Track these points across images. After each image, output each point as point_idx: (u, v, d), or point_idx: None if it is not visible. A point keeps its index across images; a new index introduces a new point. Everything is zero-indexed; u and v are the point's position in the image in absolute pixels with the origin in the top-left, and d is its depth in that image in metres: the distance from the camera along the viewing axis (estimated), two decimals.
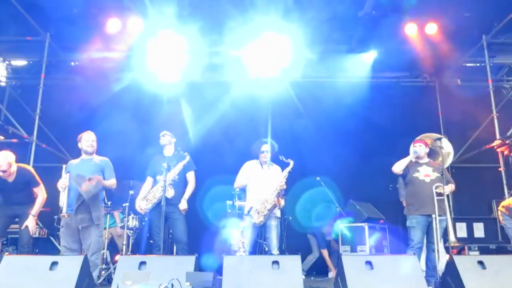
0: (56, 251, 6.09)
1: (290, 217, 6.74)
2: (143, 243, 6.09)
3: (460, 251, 6.16)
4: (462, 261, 3.56)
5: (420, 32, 7.08)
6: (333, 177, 7.08)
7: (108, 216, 6.03)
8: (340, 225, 6.32)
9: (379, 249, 6.06)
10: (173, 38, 7.16)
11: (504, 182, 6.79)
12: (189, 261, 3.66)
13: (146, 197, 5.03)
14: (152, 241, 5.26)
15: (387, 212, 6.66)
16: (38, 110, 6.91)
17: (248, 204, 4.83)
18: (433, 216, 4.66)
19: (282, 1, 6.83)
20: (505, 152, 6.83)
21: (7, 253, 4.80)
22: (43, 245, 6.56)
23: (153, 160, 5.28)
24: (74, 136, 4.92)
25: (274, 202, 4.65)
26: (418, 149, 5.02)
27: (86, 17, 6.84)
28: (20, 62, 8.40)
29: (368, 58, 7.86)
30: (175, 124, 7.56)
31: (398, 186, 6.61)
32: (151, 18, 6.92)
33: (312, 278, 6.41)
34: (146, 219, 5.77)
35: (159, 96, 7.77)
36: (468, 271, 3.46)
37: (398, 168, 5.03)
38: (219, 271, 3.68)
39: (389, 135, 7.63)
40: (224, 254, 3.74)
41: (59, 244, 4.93)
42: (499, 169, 6.90)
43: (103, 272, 5.39)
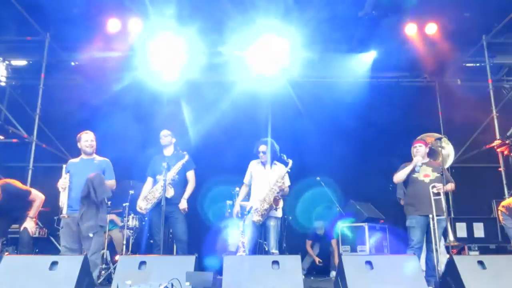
0: (56, 251, 6.09)
1: (290, 217, 6.74)
2: (143, 243, 6.10)
3: (460, 251, 6.16)
4: (462, 261, 3.55)
5: (420, 32, 7.08)
6: (333, 177, 7.09)
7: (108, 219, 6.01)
8: (341, 225, 6.32)
9: (379, 249, 6.06)
10: (173, 38, 7.16)
11: (504, 182, 6.79)
12: (189, 261, 3.66)
13: (146, 197, 5.04)
14: (153, 241, 5.26)
15: (387, 212, 6.67)
16: (38, 110, 6.91)
17: (250, 203, 4.86)
18: (430, 216, 4.67)
19: (282, 1, 6.84)
20: (505, 152, 6.83)
21: (7, 253, 4.80)
22: (43, 245, 6.56)
23: (153, 160, 5.28)
24: (74, 136, 4.92)
25: (271, 202, 4.65)
26: (419, 156, 4.96)
27: (86, 17, 6.84)
28: (20, 62, 8.39)
29: (368, 58, 7.86)
30: (175, 124, 7.56)
31: (397, 184, 6.61)
32: (151, 18, 6.93)
33: (312, 278, 6.41)
34: (146, 219, 5.77)
35: (159, 96, 7.77)
36: (468, 271, 3.46)
37: (399, 179, 5.04)
38: (220, 271, 3.68)
39: (389, 135, 7.63)
40: (224, 254, 3.74)
41: (59, 244, 4.92)
42: (499, 169, 6.90)
43: (103, 272, 5.39)
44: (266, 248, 4.91)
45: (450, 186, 4.96)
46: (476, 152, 7.22)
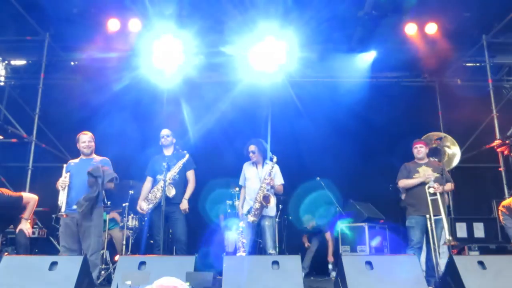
0: (56, 251, 6.09)
1: (290, 217, 6.74)
2: (143, 243, 6.09)
3: (460, 251, 6.15)
4: (462, 261, 3.55)
5: (420, 32, 7.07)
6: (333, 177, 7.08)
7: (108, 219, 6.00)
8: (340, 225, 6.32)
9: (379, 249, 6.06)
10: (173, 38, 7.16)
11: (504, 182, 6.79)
12: (189, 261, 3.66)
13: (147, 197, 5.03)
14: (153, 241, 5.26)
15: (387, 212, 6.66)
16: (38, 110, 6.91)
17: (246, 204, 4.86)
18: (427, 216, 4.67)
19: (282, 1, 6.83)
20: (505, 152, 6.82)
21: (7, 253, 4.79)
22: (43, 245, 6.55)
23: (153, 160, 5.28)
24: (74, 136, 4.91)
25: (262, 202, 4.65)
26: (431, 173, 4.90)
27: (86, 17, 6.84)
28: (20, 62, 8.39)
29: (368, 58, 7.85)
30: (175, 124, 7.56)
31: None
32: (151, 18, 6.93)
33: (312, 278, 6.40)
34: (146, 219, 5.76)
35: (159, 96, 7.77)
36: (468, 271, 3.45)
37: (406, 186, 5.03)
38: (220, 272, 3.67)
39: (389, 135, 7.62)
40: (224, 254, 3.74)
41: (59, 244, 4.92)
42: (499, 169, 6.90)
43: (103, 272, 5.39)
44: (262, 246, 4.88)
45: (449, 186, 4.95)
46: (476, 152, 7.21)
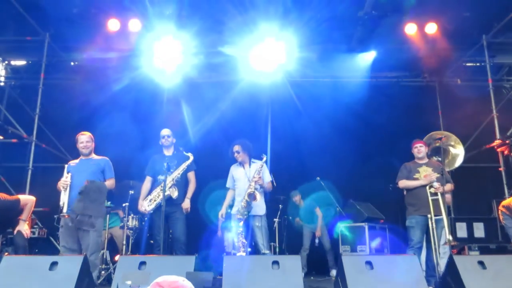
0: (56, 251, 6.09)
1: (291, 217, 6.74)
2: (143, 243, 6.09)
3: (460, 251, 6.15)
4: (462, 261, 3.55)
5: (420, 32, 7.07)
6: (333, 177, 7.09)
7: (108, 216, 6.00)
8: (340, 225, 6.33)
9: (379, 249, 6.06)
10: (173, 38, 7.16)
11: (504, 182, 6.79)
12: (189, 261, 3.66)
13: (149, 197, 5.02)
14: (153, 241, 5.25)
15: (387, 212, 6.66)
16: (38, 110, 6.90)
17: (236, 205, 4.85)
18: (429, 216, 4.66)
19: (282, 1, 6.83)
20: (505, 152, 6.82)
21: (7, 253, 4.79)
22: (43, 245, 6.55)
23: (153, 159, 5.26)
24: (74, 136, 4.91)
25: (246, 199, 4.64)
26: (434, 176, 4.86)
27: (86, 17, 6.84)
28: (20, 62, 8.39)
29: (368, 58, 7.85)
30: (175, 124, 7.56)
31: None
32: (151, 18, 6.93)
33: (312, 278, 6.41)
34: (146, 219, 5.76)
35: (159, 96, 7.78)
36: (468, 271, 3.45)
37: (405, 187, 5.03)
38: (220, 272, 3.67)
39: (389, 135, 7.62)
40: (224, 254, 3.74)
41: (59, 244, 4.92)
42: (499, 169, 6.90)
43: (103, 272, 5.39)
44: (250, 249, 4.81)
45: (449, 187, 4.95)
46: (476, 152, 7.21)
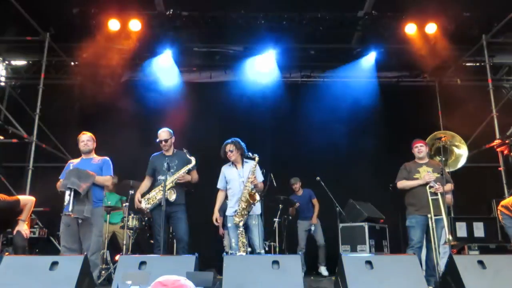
0: (56, 251, 6.09)
1: (291, 217, 6.74)
2: (143, 243, 6.09)
3: (460, 251, 6.16)
4: (462, 261, 3.55)
5: (420, 32, 7.09)
6: (333, 177, 7.09)
7: (108, 216, 5.99)
8: (340, 225, 6.34)
9: (379, 249, 6.07)
10: (172, 38, 7.17)
11: (504, 182, 6.80)
12: (190, 261, 3.66)
13: (147, 196, 5.01)
14: (154, 241, 5.25)
15: (387, 212, 6.66)
16: (38, 110, 6.91)
17: (230, 205, 4.81)
18: (429, 216, 4.66)
19: (282, 1, 6.85)
20: (505, 152, 6.81)
21: (7, 253, 4.80)
22: (43, 245, 6.55)
23: (153, 159, 5.24)
24: (74, 136, 4.91)
25: (247, 199, 4.61)
26: (432, 175, 4.85)
27: (86, 17, 6.85)
28: (20, 62, 8.40)
29: (368, 58, 7.86)
30: (175, 124, 7.57)
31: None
32: (151, 18, 6.94)
33: (312, 278, 6.41)
34: (146, 219, 5.76)
35: (159, 96, 7.79)
36: (468, 271, 3.45)
37: (404, 188, 5.03)
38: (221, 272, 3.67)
39: (389, 135, 7.63)
40: (224, 254, 3.73)
41: (59, 244, 4.92)
42: (499, 169, 6.90)
43: (103, 272, 5.39)
44: (250, 249, 4.79)
45: (449, 187, 4.94)
46: (476, 152, 7.22)
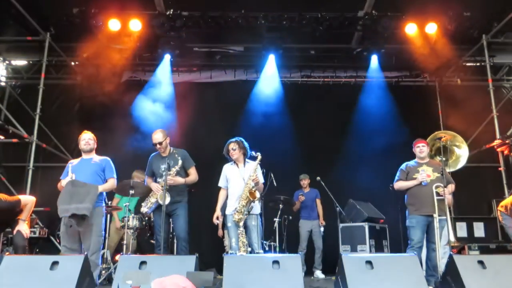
0: (57, 251, 6.09)
1: (291, 217, 6.74)
2: (143, 243, 6.09)
3: (460, 251, 6.16)
4: (462, 261, 3.55)
5: (420, 32, 7.08)
6: (333, 177, 7.09)
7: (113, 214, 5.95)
8: (341, 225, 6.34)
9: (379, 249, 6.07)
10: (172, 38, 7.17)
11: (504, 182, 6.80)
12: (190, 261, 3.66)
13: (146, 199, 5.04)
14: (155, 241, 5.25)
15: (387, 212, 6.66)
16: (38, 110, 6.91)
17: (230, 205, 4.82)
18: (434, 216, 4.65)
19: (282, 1, 6.85)
20: (505, 152, 6.83)
21: (8, 253, 4.80)
22: (43, 245, 6.56)
23: (151, 159, 5.23)
24: (74, 136, 4.92)
25: (248, 197, 4.61)
26: (425, 175, 4.87)
27: (86, 17, 6.85)
28: (20, 62, 8.40)
29: (368, 58, 7.86)
30: (175, 124, 7.58)
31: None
32: (151, 18, 6.94)
33: (312, 278, 6.42)
34: (147, 219, 5.76)
35: (159, 96, 7.79)
36: (468, 271, 3.45)
37: (400, 188, 5.03)
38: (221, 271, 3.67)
39: (389, 135, 7.62)
40: (224, 254, 3.74)
41: (59, 244, 4.92)
42: (499, 169, 6.90)
43: (104, 272, 5.39)
44: (250, 249, 4.79)
45: (451, 188, 4.94)
46: (476, 152, 7.22)
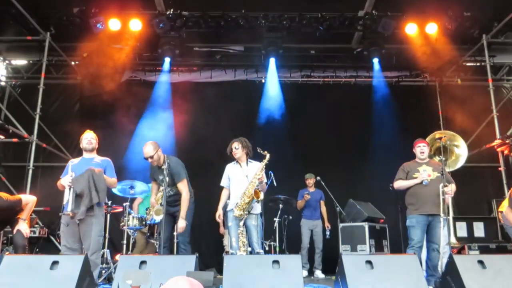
0: (57, 251, 6.09)
1: (291, 217, 6.74)
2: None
3: (460, 251, 6.16)
4: (462, 261, 3.55)
5: (420, 32, 7.09)
6: (333, 177, 7.09)
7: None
8: (341, 225, 6.34)
9: (379, 249, 6.07)
10: (172, 38, 7.17)
11: (504, 182, 6.80)
12: (190, 261, 3.66)
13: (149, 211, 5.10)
14: (154, 240, 5.25)
15: (387, 212, 6.67)
16: (38, 110, 6.91)
17: (232, 203, 4.83)
18: (441, 216, 4.63)
19: (281, 1, 6.85)
20: (505, 152, 6.83)
21: (8, 253, 4.80)
22: (44, 245, 6.56)
23: (151, 164, 5.19)
24: (74, 136, 4.94)
25: (252, 195, 4.62)
26: (426, 175, 4.86)
27: (86, 17, 6.85)
28: (20, 62, 8.40)
29: (369, 58, 7.85)
30: (175, 124, 7.58)
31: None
32: (152, 18, 6.94)
33: (312, 278, 6.42)
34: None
35: (159, 96, 7.79)
36: (468, 271, 3.45)
37: (401, 188, 5.03)
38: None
39: (389, 135, 7.62)
40: (224, 254, 3.74)
41: (60, 244, 4.92)
42: (499, 169, 6.90)
43: (103, 272, 5.39)
44: (250, 249, 4.79)
45: (454, 187, 4.93)
46: (476, 152, 7.22)
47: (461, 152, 6.13)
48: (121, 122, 7.30)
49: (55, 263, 3.44)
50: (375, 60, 7.76)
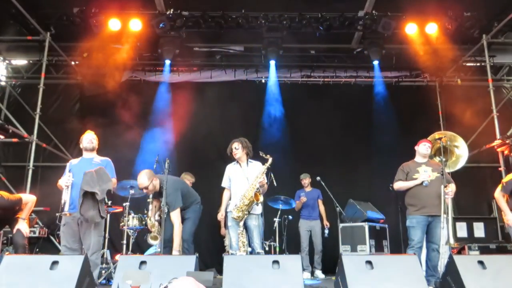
0: (57, 251, 6.09)
1: (291, 217, 6.74)
2: (143, 243, 6.10)
3: (460, 251, 6.16)
4: (462, 261, 3.55)
5: (420, 32, 7.09)
6: (333, 177, 7.09)
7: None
8: (341, 225, 6.34)
9: (379, 249, 6.07)
10: (173, 38, 7.16)
11: None
12: (190, 261, 3.66)
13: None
14: None
15: (387, 212, 6.67)
16: (38, 110, 6.91)
17: (232, 204, 4.82)
18: (444, 216, 4.63)
19: (281, 1, 6.85)
20: (505, 152, 6.82)
21: (8, 253, 4.80)
22: (43, 245, 6.56)
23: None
24: (74, 136, 4.94)
25: (252, 198, 4.61)
26: (426, 176, 4.87)
27: (86, 17, 6.85)
28: (20, 62, 8.40)
29: (369, 58, 7.85)
30: (175, 124, 7.58)
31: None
32: (152, 18, 6.94)
33: (312, 278, 6.42)
34: (146, 219, 5.76)
35: (159, 96, 7.79)
36: (468, 271, 3.45)
37: (400, 189, 5.02)
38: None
39: (389, 135, 7.62)
40: (224, 254, 3.74)
41: (59, 244, 4.92)
42: (499, 169, 6.90)
43: (104, 272, 5.39)
44: (250, 249, 4.79)
45: (454, 187, 4.93)
46: (476, 152, 7.22)
47: (461, 153, 6.13)
48: (121, 122, 7.30)
49: (55, 263, 3.43)
50: (374, 60, 7.75)
